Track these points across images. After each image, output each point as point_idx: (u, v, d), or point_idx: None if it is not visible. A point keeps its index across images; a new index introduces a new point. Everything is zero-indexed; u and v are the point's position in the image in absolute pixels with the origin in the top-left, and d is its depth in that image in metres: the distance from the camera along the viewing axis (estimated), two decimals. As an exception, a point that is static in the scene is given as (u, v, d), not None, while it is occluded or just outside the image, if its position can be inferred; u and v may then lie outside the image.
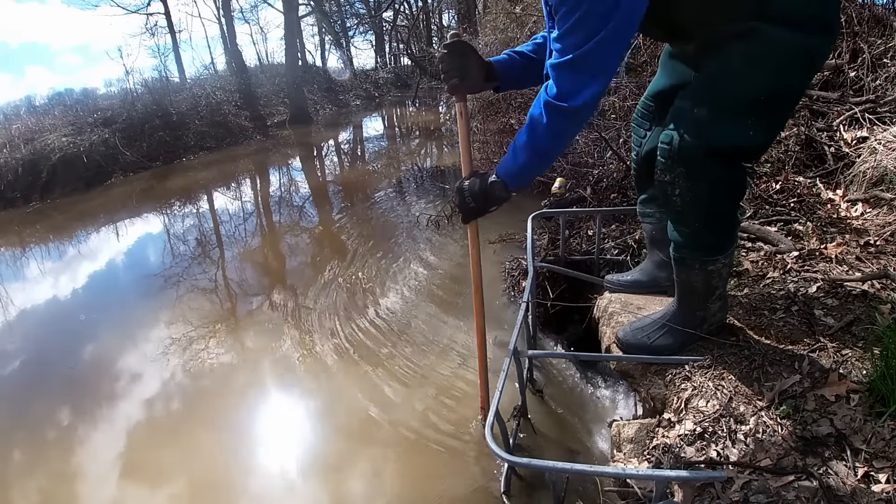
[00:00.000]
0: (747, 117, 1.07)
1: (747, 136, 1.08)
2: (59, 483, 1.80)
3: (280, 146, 8.62)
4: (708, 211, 1.16)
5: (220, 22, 13.36)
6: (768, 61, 1.04)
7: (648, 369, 1.37)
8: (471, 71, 1.29)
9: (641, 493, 1.10)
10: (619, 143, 2.92)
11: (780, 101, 1.10)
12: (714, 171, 1.10)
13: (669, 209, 1.21)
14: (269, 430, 1.92)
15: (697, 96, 1.11)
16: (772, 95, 1.07)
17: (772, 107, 1.08)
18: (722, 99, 1.08)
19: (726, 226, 1.21)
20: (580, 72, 1.03)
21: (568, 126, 1.12)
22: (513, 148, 1.18)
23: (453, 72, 1.28)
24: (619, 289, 1.72)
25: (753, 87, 1.06)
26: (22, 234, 5.33)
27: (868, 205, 1.87)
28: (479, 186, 1.23)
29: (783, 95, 1.09)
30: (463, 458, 1.60)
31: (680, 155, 1.11)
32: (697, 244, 1.20)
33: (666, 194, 1.18)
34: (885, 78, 2.54)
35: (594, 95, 1.05)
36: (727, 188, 1.14)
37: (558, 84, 1.06)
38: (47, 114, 8.84)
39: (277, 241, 4.06)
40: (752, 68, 1.05)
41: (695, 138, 1.09)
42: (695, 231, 1.19)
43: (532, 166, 1.19)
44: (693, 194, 1.14)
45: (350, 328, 2.46)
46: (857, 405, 1.06)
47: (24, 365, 2.69)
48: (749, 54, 1.05)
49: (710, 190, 1.13)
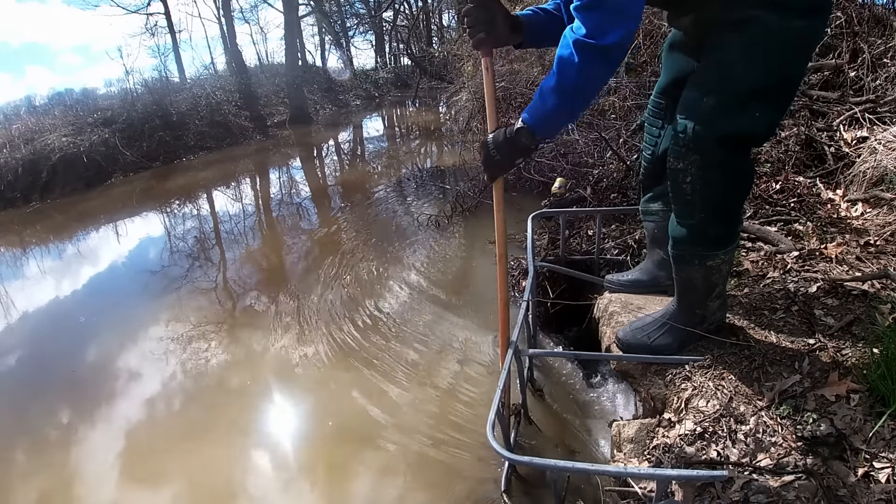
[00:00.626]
0: (753, 104, 1.09)
1: (755, 121, 1.10)
2: (59, 483, 1.80)
3: (280, 146, 8.62)
4: (717, 200, 1.17)
5: (220, 22, 13.34)
6: (767, 49, 1.06)
7: (648, 369, 1.37)
8: (497, 23, 1.24)
9: (642, 493, 1.10)
10: (619, 143, 2.92)
11: (784, 86, 1.12)
12: (726, 159, 1.12)
13: (678, 199, 1.22)
14: (268, 431, 1.92)
15: (704, 86, 1.13)
16: (774, 82, 1.09)
17: (776, 92, 1.11)
18: (728, 88, 1.10)
19: (731, 218, 1.22)
20: (607, 11, 1.01)
21: (599, 65, 1.06)
22: (539, 92, 1.12)
23: (480, 25, 1.22)
24: (620, 289, 1.72)
25: (756, 76, 1.08)
26: (22, 234, 5.33)
27: (868, 205, 1.87)
28: (504, 136, 1.17)
29: (785, 80, 1.11)
30: (463, 457, 1.60)
31: (695, 143, 1.13)
32: (700, 238, 1.21)
33: (677, 182, 1.19)
34: (885, 78, 2.54)
35: (623, 36, 1.02)
36: (737, 176, 1.17)
37: (586, 24, 1.03)
38: (47, 114, 8.83)
39: (277, 241, 4.06)
40: (752, 57, 1.07)
41: (706, 126, 1.11)
42: (700, 222, 1.20)
43: (561, 110, 1.12)
44: (704, 182, 1.15)
45: (350, 328, 2.46)
46: (857, 405, 1.06)
47: (24, 365, 2.70)
48: (748, 43, 1.07)
49: (722, 177, 1.14)
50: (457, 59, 7.90)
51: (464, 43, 7.61)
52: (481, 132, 4.62)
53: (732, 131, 1.10)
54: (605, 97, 3.76)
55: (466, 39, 7.85)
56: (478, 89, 5.56)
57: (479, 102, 5.59)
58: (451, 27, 17.33)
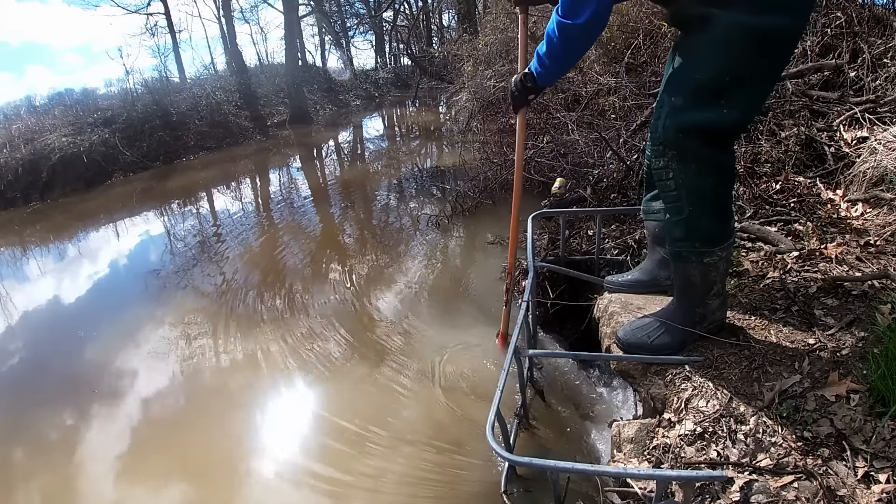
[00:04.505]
0: (718, 99, 1.12)
1: (723, 115, 1.13)
2: (58, 484, 1.80)
3: (280, 146, 8.62)
4: (701, 193, 1.20)
5: (220, 22, 13.36)
6: (727, 45, 1.09)
7: (648, 369, 1.37)
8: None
9: (642, 493, 1.10)
10: (619, 143, 2.91)
11: (749, 81, 1.13)
12: (701, 151, 1.16)
13: (666, 197, 1.25)
14: (268, 432, 1.92)
15: (671, 86, 1.20)
16: (736, 77, 1.11)
17: (741, 87, 1.12)
18: (691, 85, 1.15)
19: (721, 212, 1.24)
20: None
21: (574, 41, 1.29)
22: (536, 54, 1.39)
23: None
24: (620, 289, 1.72)
25: (716, 72, 1.11)
26: (22, 234, 5.33)
27: (868, 205, 1.86)
28: (520, 79, 1.50)
29: (750, 75, 1.12)
30: (464, 457, 1.60)
31: (666, 139, 1.19)
32: (693, 233, 1.22)
33: (661, 181, 1.24)
34: (885, 78, 2.53)
35: (594, 13, 1.20)
36: (716, 169, 1.20)
37: (562, 6, 1.23)
38: (47, 114, 8.84)
39: (277, 241, 4.06)
40: (712, 54, 1.11)
41: (675, 122, 1.17)
42: (690, 216, 1.22)
43: (551, 71, 1.40)
44: (685, 176, 1.19)
45: (350, 328, 2.46)
46: (857, 405, 1.06)
47: (24, 365, 2.70)
48: (709, 40, 1.11)
49: (701, 170, 1.18)
50: (457, 59, 7.90)
51: (464, 43, 7.61)
52: (481, 132, 4.62)
53: (700, 124, 1.14)
54: (605, 97, 3.76)
55: (466, 39, 7.86)
56: (478, 89, 5.60)
57: (480, 102, 5.61)
58: (451, 27, 17.33)
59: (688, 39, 1.19)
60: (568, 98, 4.28)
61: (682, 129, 1.15)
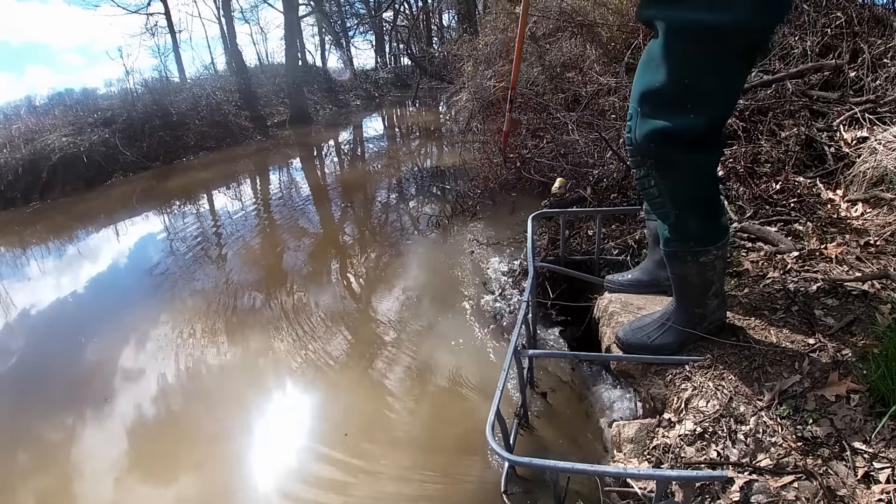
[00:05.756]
0: (684, 104, 1.08)
1: (690, 120, 1.09)
2: (58, 484, 1.80)
3: (280, 146, 8.62)
4: (685, 197, 1.19)
5: (220, 22, 13.35)
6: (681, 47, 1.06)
7: (648, 369, 1.37)
8: None
9: (642, 493, 1.10)
10: (619, 144, 2.91)
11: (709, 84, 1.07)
12: (677, 157, 1.14)
13: (652, 204, 1.24)
14: (268, 433, 1.92)
15: (637, 94, 1.15)
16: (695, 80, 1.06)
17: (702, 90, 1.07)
18: (654, 92, 1.11)
19: (708, 212, 1.22)
20: None
21: None
22: None
23: None
24: (620, 289, 1.72)
25: (675, 76, 1.07)
26: (22, 234, 5.33)
27: (868, 205, 1.86)
28: None
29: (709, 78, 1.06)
30: (464, 457, 1.60)
31: (640, 148, 1.16)
32: (684, 234, 1.22)
33: (644, 189, 1.23)
34: (885, 78, 2.53)
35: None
36: (696, 171, 1.18)
37: None
38: (47, 114, 8.82)
39: (277, 241, 4.06)
40: (668, 58, 1.07)
41: (645, 132, 1.13)
42: (677, 220, 1.21)
43: None
44: (666, 182, 1.18)
45: (350, 328, 2.46)
46: (857, 405, 1.06)
47: (24, 365, 2.70)
48: (662, 44, 1.08)
49: (680, 174, 1.17)
50: (457, 59, 7.90)
51: (464, 43, 7.62)
52: (481, 132, 4.62)
53: (669, 131, 1.10)
54: (605, 97, 3.76)
55: (466, 39, 7.85)
56: (478, 89, 5.62)
57: (480, 102, 5.62)
58: (451, 27, 17.34)
59: (650, 44, 1.14)
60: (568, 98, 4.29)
61: (653, 139, 1.12)
